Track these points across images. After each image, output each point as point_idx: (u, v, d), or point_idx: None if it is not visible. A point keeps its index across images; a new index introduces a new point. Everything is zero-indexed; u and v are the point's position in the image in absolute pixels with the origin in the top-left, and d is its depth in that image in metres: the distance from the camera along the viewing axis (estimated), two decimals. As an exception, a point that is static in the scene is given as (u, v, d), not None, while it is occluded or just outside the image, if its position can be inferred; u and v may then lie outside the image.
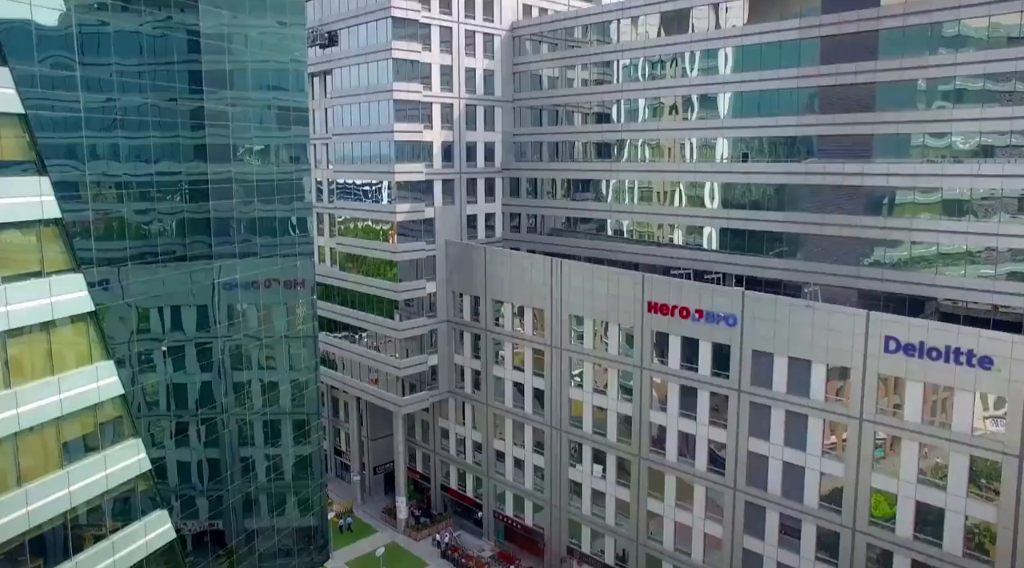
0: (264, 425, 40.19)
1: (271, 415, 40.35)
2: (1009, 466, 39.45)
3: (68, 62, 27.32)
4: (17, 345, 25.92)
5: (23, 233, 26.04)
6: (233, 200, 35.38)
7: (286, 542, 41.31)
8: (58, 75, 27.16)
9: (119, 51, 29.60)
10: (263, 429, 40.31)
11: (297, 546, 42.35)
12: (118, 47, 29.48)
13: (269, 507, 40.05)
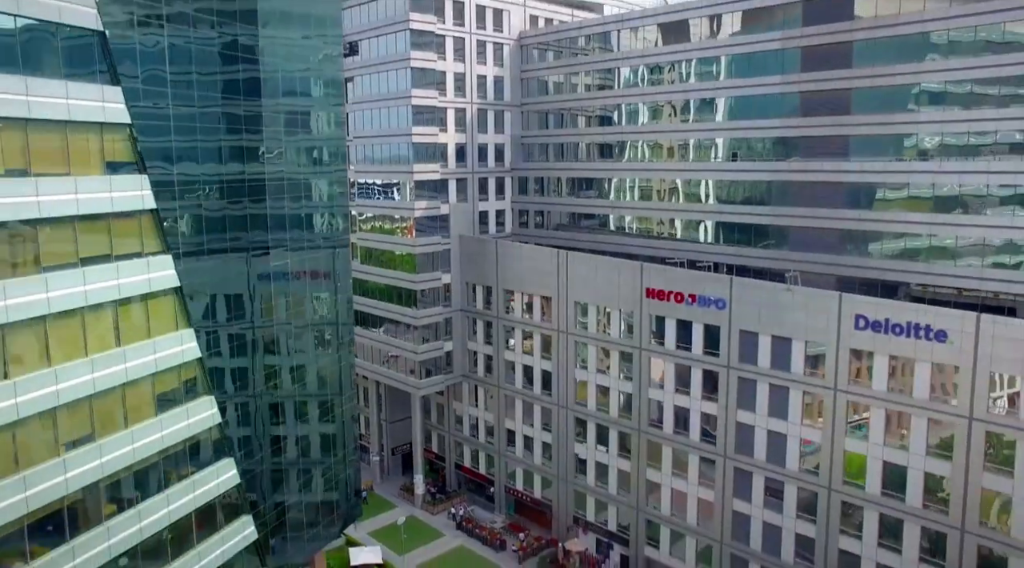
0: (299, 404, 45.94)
1: (299, 396, 45.87)
2: (961, 427, 45.24)
3: (161, 78, 33.37)
4: (124, 313, 31.98)
5: (129, 221, 32.13)
6: (285, 197, 41.39)
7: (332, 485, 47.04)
8: (151, 89, 33.17)
9: (198, 65, 35.62)
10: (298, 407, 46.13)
11: (337, 494, 48.21)
12: (197, 62, 35.50)
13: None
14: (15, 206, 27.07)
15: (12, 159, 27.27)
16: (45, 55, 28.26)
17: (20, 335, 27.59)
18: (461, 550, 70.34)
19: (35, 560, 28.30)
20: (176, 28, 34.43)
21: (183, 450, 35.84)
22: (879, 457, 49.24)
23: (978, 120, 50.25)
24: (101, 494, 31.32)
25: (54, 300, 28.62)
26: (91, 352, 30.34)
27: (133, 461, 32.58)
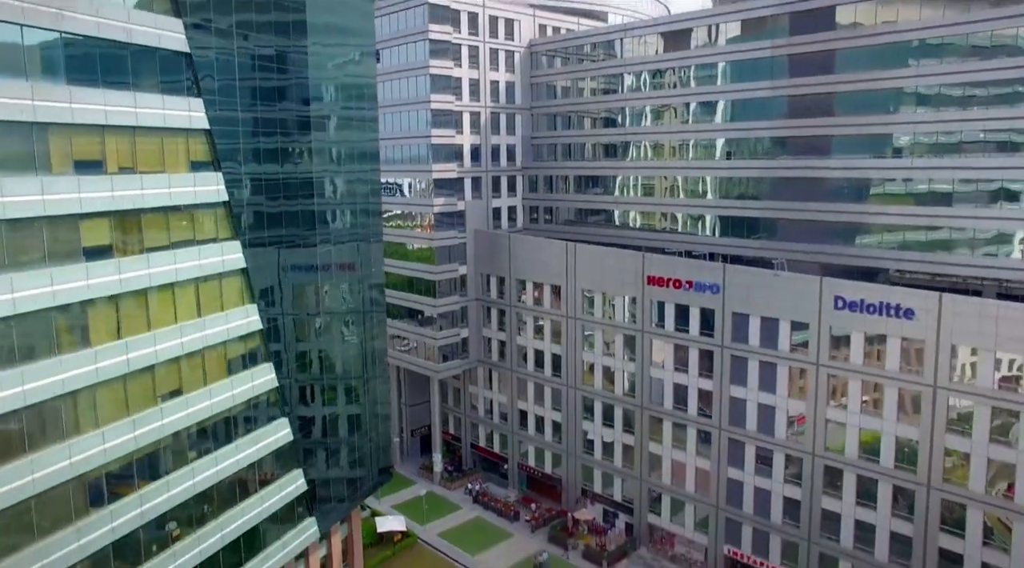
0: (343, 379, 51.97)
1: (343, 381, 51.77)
2: (927, 395, 51.24)
3: (231, 87, 39.70)
4: (203, 288, 38.30)
5: (207, 212, 38.46)
6: (329, 194, 47.68)
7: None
8: (222, 99, 39.48)
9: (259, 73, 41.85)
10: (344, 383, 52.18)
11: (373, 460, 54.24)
12: (258, 71, 41.76)
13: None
14: (128, 198, 33.41)
15: (124, 159, 33.64)
16: (146, 74, 34.61)
17: (129, 303, 33.94)
18: (478, 520, 76.56)
19: (141, 489, 34.64)
20: (241, 42, 40.58)
21: (248, 408, 42.19)
22: (856, 425, 55.24)
23: (946, 121, 56.26)
24: (186, 440, 37.66)
25: (154, 276, 34.98)
26: (180, 320, 36.69)
27: (211, 414, 38.94)
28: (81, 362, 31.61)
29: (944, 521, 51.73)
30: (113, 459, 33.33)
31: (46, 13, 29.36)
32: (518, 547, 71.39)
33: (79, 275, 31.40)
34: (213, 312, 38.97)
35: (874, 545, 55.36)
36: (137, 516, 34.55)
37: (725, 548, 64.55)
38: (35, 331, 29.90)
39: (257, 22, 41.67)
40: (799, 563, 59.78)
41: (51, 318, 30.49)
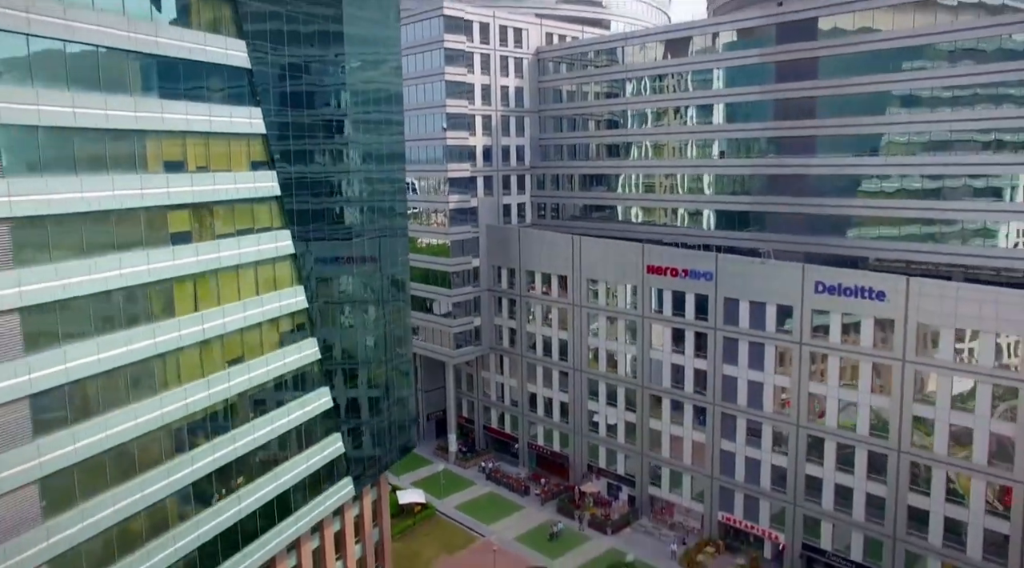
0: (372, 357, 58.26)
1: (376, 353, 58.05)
2: (897, 369, 57.50)
3: (282, 94, 46.21)
4: (261, 270, 44.80)
5: (264, 204, 44.96)
6: (365, 193, 54.16)
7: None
8: (275, 108, 45.97)
9: (305, 82, 48.34)
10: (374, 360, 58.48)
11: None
12: (304, 80, 48.23)
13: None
14: (203, 192, 39.98)
15: (200, 160, 40.20)
16: (217, 87, 41.18)
17: (204, 282, 40.47)
18: (491, 495, 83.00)
19: (213, 440, 41.17)
20: (289, 55, 47.01)
21: (296, 376, 48.67)
22: (835, 397, 61.53)
23: (918, 122, 62.44)
24: (247, 400, 44.18)
25: (223, 259, 41.53)
26: (243, 297, 43.22)
27: (267, 379, 45.49)
28: (168, 329, 38.13)
29: (913, 482, 57.97)
30: (192, 413, 39.83)
31: (145, 41, 35.92)
32: (529, 518, 77.82)
33: (167, 257, 37.94)
34: (269, 291, 45.48)
35: (852, 506, 61.62)
36: (210, 462, 41.07)
37: (720, 515, 70.89)
38: (135, 302, 36.41)
39: (303, 33, 48.03)
40: (786, 526, 66.08)
41: (147, 292, 37.02)
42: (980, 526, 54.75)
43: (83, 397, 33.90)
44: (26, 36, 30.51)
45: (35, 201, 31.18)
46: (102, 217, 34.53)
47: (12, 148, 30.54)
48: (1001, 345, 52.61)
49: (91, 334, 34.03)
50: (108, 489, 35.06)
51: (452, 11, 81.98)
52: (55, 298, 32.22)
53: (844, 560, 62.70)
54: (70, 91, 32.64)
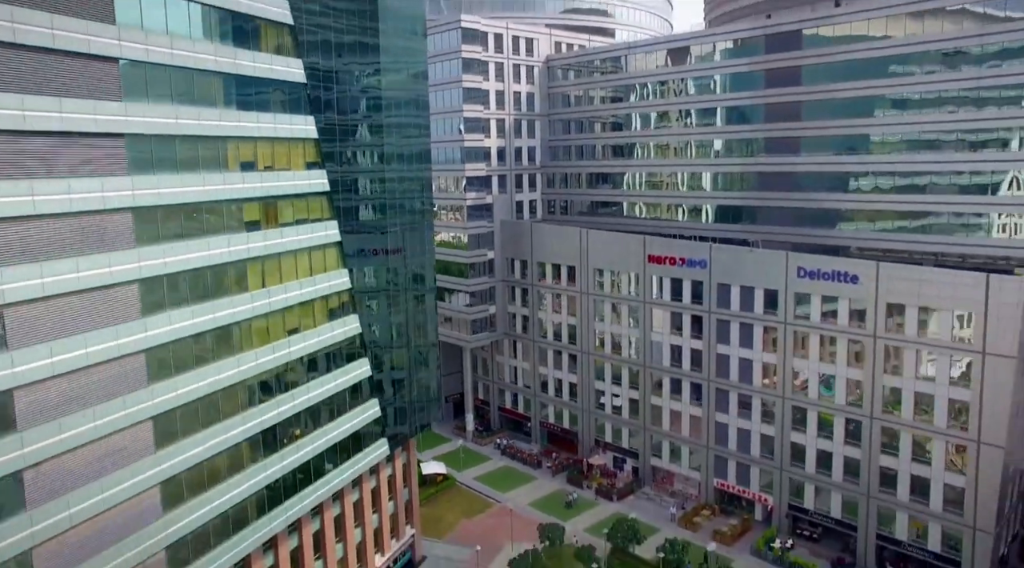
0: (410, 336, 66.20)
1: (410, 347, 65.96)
2: (870, 343, 65.12)
3: (330, 102, 54.31)
4: (314, 255, 52.87)
5: (316, 198, 53.05)
6: (397, 190, 62.16)
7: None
8: (324, 115, 54.06)
9: (349, 87, 56.42)
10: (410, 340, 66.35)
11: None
12: (349, 87, 56.30)
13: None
14: (271, 187, 48.12)
15: (266, 160, 48.34)
16: (279, 99, 49.31)
17: (270, 263, 48.56)
18: (507, 468, 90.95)
19: (276, 397, 49.25)
20: (337, 66, 55.08)
21: (340, 347, 56.69)
22: (816, 370, 69.19)
23: (892, 124, 69.99)
24: (304, 366, 52.27)
25: (285, 244, 49.63)
26: (300, 277, 51.31)
27: (318, 348, 53.57)
28: (243, 301, 46.18)
29: (884, 445, 65.57)
30: (261, 372, 47.91)
31: (228, 63, 44.07)
32: (541, 487, 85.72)
33: (242, 241, 46.04)
34: (319, 273, 53.57)
35: (831, 469, 69.25)
36: (275, 416, 49.10)
37: (715, 481, 78.63)
38: (219, 277, 44.53)
39: (347, 45, 55.94)
40: (774, 489, 73.76)
41: (227, 270, 45.13)
42: (941, 481, 62.34)
43: (181, 354, 42.01)
44: (145, 64, 38.71)
45: (150, 194, 39.34)
46: (195, 208, 42.69)
47: (134, 152, 38.65)
48: (956, 320, 60.15)
49: (188, 303, 42.16)
50: (199, 430, 43.16)
51: (469, 23, 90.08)
52: (162, 272, 40.36)
53: (825, 517, 70.35)
54: (173, 105, 40.80)
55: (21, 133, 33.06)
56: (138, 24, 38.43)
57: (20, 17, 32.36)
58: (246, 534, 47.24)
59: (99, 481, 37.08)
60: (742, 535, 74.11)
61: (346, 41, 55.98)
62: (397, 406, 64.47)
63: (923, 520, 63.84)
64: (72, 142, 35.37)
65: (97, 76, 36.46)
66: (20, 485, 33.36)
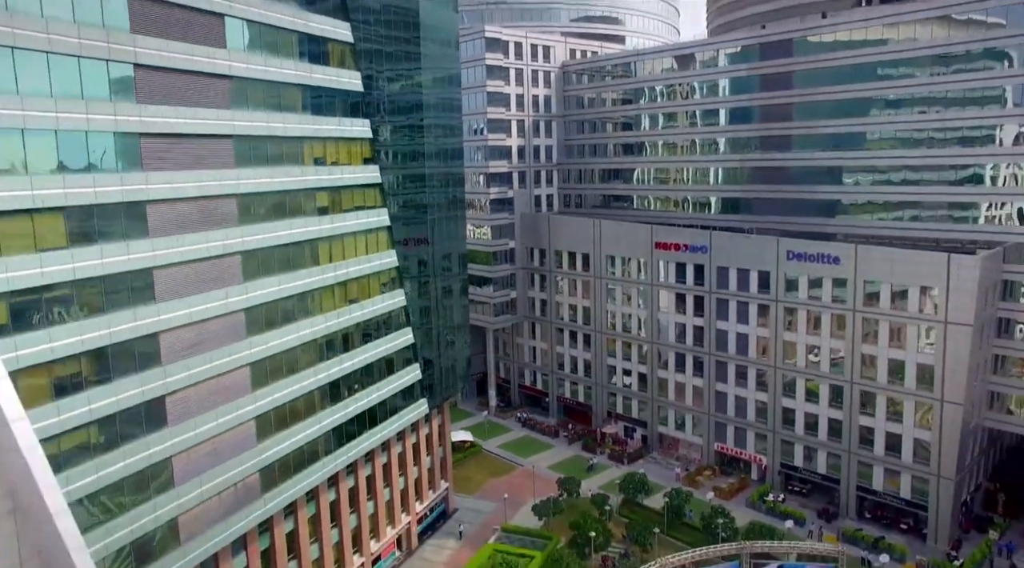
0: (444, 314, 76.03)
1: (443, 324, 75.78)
2: (850, 317, 74.47)
3: (378, 107, 64.27)
4: (370, 237, 62.82)
5: (370, 190, 63.04)
6: (436, 184, 72.08)
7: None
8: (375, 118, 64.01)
9: (399, 92, 66.37)
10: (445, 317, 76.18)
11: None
12: (398, 93, 66.24)
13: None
14: (334, 179, 58.13)
15: (333, 157, 58.35)
16: (342, 105, 59.30)
17: (335, 242, 58.52)
18: (527, 437, 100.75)
19: (339, 356, 59.19)
20: (387, 73, 65.02)
21: (389, 316, 66.63)
22: (803, 342, 78.58)
23: (870, 124, 79.35)
24: (359, 332, 62.25)
25: (347, 227, 59.61)
26: (358, 254, 61.30)
27: (372, 316, 63.51)
28: (314, 274, 56.14)
29: (862, 406, 74.89)
30: (328, 333, 57.87)
31: (305, 76, 54.11)
32: (558, 453, 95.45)
33: (315, 224, 56.03)
34: (373, 252, 63.52)
35: (817, 430, 78.62)
36: (337, 371, 59.01)
37: (715, 445, 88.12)
38: (297, 253, 54.50)
39: (394, 55, 65.83)
40: (767, 450, 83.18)
41: (302, 248, 55.11)
42: (911, 437, 71.64)
43: (270, 314, 52.00)
44: (246, 79, 48.80)
45: (250, 183, 49.40)
46: (281, 196, 52.73)
47: (238, 150, 48.71)
48: (923, 294, 69.45)
49: (275, 272, 52.20)
50: (283, 377, 53.16)
51: (492, 33, 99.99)
52: (257, 247, 50.39)
53: (813, 474, 79.75)
54: (266, 112, 50.86)
55: (172, 136, 43.24)
56: (241, 47, 48.52)
57: (171, 48, 42.48)
58: (316, 468, 57.24)
59: (213, 411, 47.13)
60: (739, 491, 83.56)
61: (393, 52, 65.86)
62: (434, 372, 74.31)
63: (896, 471, 73.11)
64: (199, 142, 45.48)
65: (214, 89, 46.57)
66: (163, 407, 43.43)
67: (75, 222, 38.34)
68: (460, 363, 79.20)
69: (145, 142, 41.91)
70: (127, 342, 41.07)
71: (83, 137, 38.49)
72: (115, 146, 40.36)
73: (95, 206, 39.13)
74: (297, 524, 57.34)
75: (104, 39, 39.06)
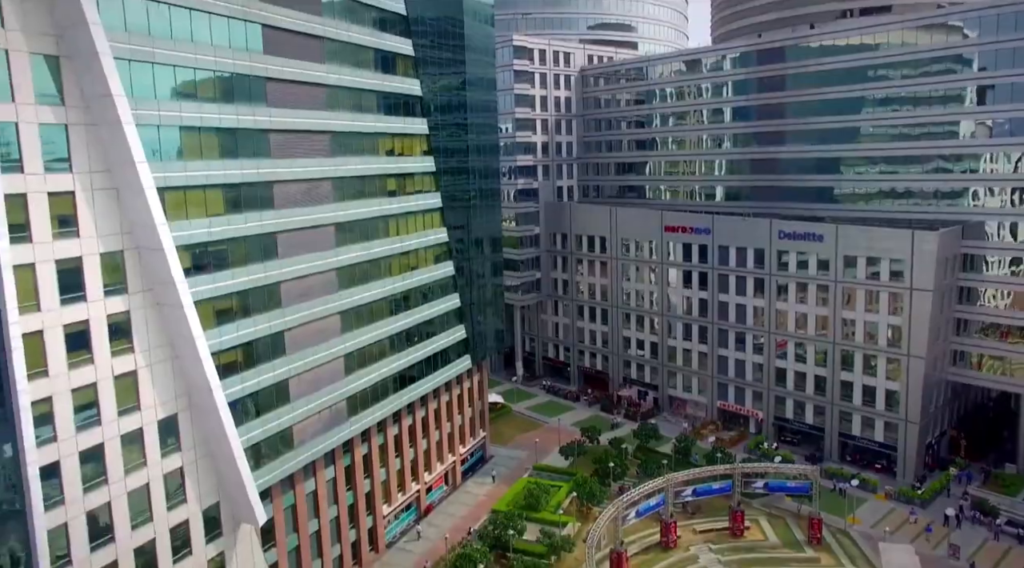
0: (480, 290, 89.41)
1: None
2: (832, 287, 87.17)
3: (431, 108, 77.68)
4: (428, 217, 76.20)
5: (427, 176, 76.41)
6: (477, 175, 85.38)
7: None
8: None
9: (447, 98, 79.69)
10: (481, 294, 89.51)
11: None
12: (447, 99, 79.58)
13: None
14: (400, 168, 71.65)
15: (399, 149, 71.87)
16: (404, 106, 72.76)
17: (401, 219, 71.96)
18: (551, 401, 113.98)
19: (405, 311, 72.61)
20: (439, 80, 78.39)
21: (441, 283, 79.98)
22: (793, 311, 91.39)
23: (853, 122, 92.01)
24: (420, 293, 75.67)
25: (410, 206, 73.10)
26: (415, 231, 74.76)
27: (428, 282, 76.95)
28: (386, 244, 69.59)
29: (843, 364, 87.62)
30: (395, 293, 71.31)
31: (379, 83, 67.63)
32: (580, 414, 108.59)
33: (387, 204, 69.49)
34: (428, 228, 76.95)
35: (805, 386, 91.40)
36: (402, 324, 72.38)
37: (718, 403, 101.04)
38: (372, 227, 67.90)
39: (443, 61, 79.14)
40: (763, 405, 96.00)
41: (377, 222, 68.55)
42: (883, 388, 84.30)
43: (354, 274, 65.43)
44: (337, 87, 62.39)
45: (341, 169, 62.92)
46: (362, 180, 66.21)
47: (333, 144, 62.20)
48: (892, 265, 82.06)
49: (358, 241, 65.68)
50: (363, 325, 66.63)
51: (519, 41, 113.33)
52: (345, 220, 63.86)
53: (801, 423, 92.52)
54: (351, 112, 64.39)
55: (290, 132, 56.88)
56: (336, 61, 62.11)
57: (289, 65, 56.15)
58: (385, 403, 70.64)
59: (315, 347, 60.59)
60: (739, 441, 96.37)
61: (442, 61, 79.21)
62: (475, 333, 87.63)
63: (871, 419, 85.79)
64: (307, 137, 59.08)
65: (315, 95, 60.13)
66: (283, 340, 56.95)
67: (229, 196, 51.97)
68: (494, 331, 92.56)
69: (273, 137, 55.53)
70: (260, 287, 54.64)
71: (234, 134, 52.10)
72: (254, 141, 53.94)
73: (242, 185, 52.77)
74: (370, 449, 70.81)
75: (248, 59, 52.68)
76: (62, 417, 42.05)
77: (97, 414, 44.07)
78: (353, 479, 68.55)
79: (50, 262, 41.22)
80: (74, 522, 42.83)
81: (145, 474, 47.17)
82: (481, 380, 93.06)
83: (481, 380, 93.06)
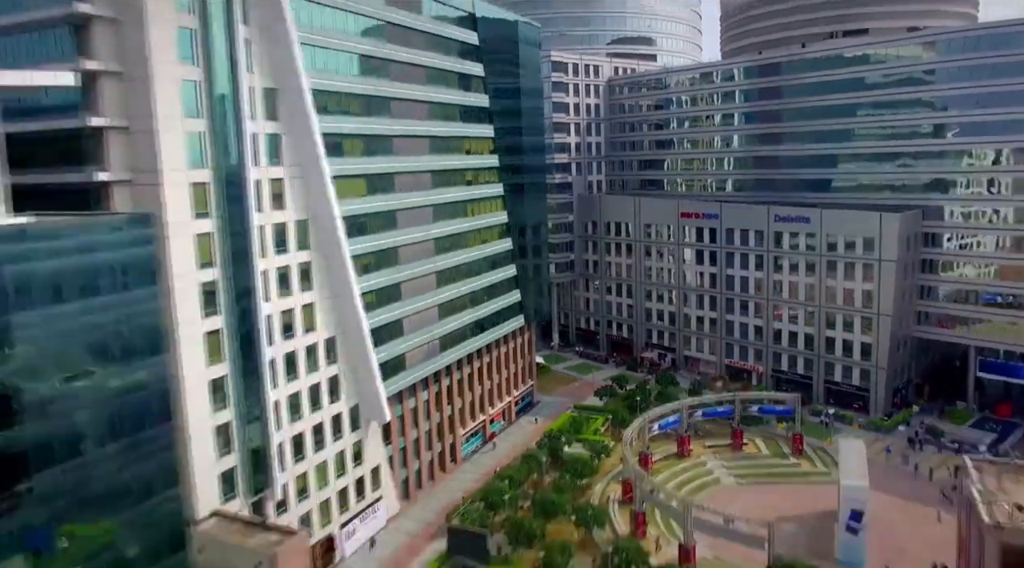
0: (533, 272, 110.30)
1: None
2: (818, 260, 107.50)
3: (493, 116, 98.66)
4: (493, 202, 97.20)
5: (491, 171, 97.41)
6: (522, 172, 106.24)
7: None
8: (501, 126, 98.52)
9: (505, 103, 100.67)
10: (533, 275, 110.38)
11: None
12: (505, 105, 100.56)
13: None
14: (475, 163, 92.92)
15: (471, 149, 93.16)
16: (476, 115, 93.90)
17: (473, 204, 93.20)
18: (584, 363, 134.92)
19: (476, 276, 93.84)
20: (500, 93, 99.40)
21: (502, 256, 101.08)
22: (786, 278, 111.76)
23: (840, 125, 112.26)
24: (486, 263, 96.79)
25: (481, 193, 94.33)
26: (486, 212, 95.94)
27: (492, 254, 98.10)
28: (464, 223, 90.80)
29: (827, 323, 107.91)
30: (470, 261, 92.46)
31: (457, 98, 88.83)
32: (608, 373, 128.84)
33: (463, 192, 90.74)
34: (493, 212, 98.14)
35: (797, 343, 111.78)
36: (477, 284, 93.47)
37: (725, 360, 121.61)
38: (456, 208, 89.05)
39: (502, 75, 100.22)
40: (763, 360, 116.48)
41: (456, 205, 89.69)
42: (859, 341, 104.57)
43: (444, 244, 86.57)
44: (431, 103, 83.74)
45: (435, 164, 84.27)
46: (450, 172, 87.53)
47: (432, 143, 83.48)
48: (865, 241, 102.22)
49: (447, 218, 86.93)
50: (450, 284, 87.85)
51: (556, 57, 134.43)
52: (438, 202, 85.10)
53: (794, 374, 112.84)
54: (440, 121, 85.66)
55: (404, 136, 78.31)
56: (434, 83, 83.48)
57: (405, 87, 77.80)
58: (463, 345, 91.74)
59: (419, 296, 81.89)
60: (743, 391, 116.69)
61: (503, 75, 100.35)
62: (526, 298, 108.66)
63: (850, 367, 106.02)
64: (414, 140, 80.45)
65: (419, 109, 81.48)
66: (399, 289, 78.32)
67: (369, 183, 73.44)
68: (538, 300, 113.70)
69: (395, 140, 76.97)
70: (387, 249, 76.11)
71: (371, 138, 73.55)
72: (384, 143, 75.39)
73: (376, 175, 74.27)
74: (451, 382, 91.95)
75: (376, 85, 74.16)
76: (275, 330, 63.54)
77: (292, 330, 65.54)
78: (441, 403, 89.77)
79: (270, 225, 62.72)
80: (282, 400, 64.31)
81: (318, 375, 68.63)
82: (530, 338, 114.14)
83: (530, 338, 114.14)
